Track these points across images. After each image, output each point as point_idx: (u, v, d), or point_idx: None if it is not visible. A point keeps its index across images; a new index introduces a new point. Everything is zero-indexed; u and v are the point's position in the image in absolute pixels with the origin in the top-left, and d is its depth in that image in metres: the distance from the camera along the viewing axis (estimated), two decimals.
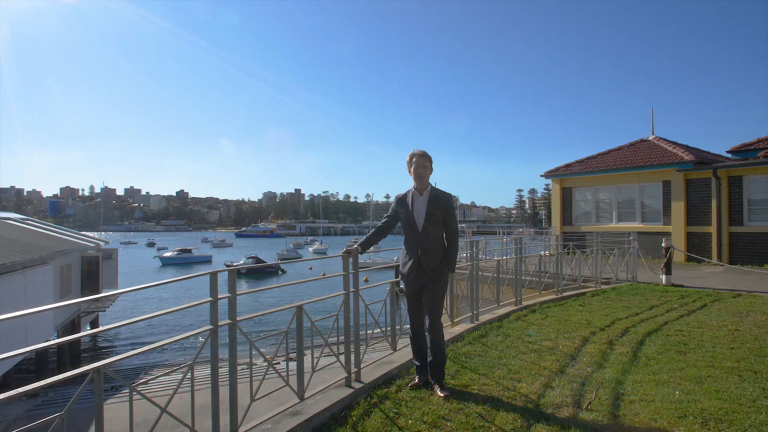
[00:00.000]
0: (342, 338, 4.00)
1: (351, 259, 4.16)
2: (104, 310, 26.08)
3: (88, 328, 25.67)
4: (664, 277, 10.50)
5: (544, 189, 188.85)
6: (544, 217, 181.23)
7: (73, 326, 22.29)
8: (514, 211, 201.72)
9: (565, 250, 10.15)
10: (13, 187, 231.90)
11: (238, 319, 2.89)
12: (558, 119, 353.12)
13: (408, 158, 4.16)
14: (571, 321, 6.77)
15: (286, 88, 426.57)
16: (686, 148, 18.27)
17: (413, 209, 4.06)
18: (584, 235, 18.00)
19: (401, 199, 4.16)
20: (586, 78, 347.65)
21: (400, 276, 4.21)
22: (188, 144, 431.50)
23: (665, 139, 19.49)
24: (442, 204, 4.06)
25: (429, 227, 4.02)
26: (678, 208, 16.64)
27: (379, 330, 4.67)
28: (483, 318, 6.80)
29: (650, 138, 20.15)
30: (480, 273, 6.88)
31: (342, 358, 4.00)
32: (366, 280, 38.55)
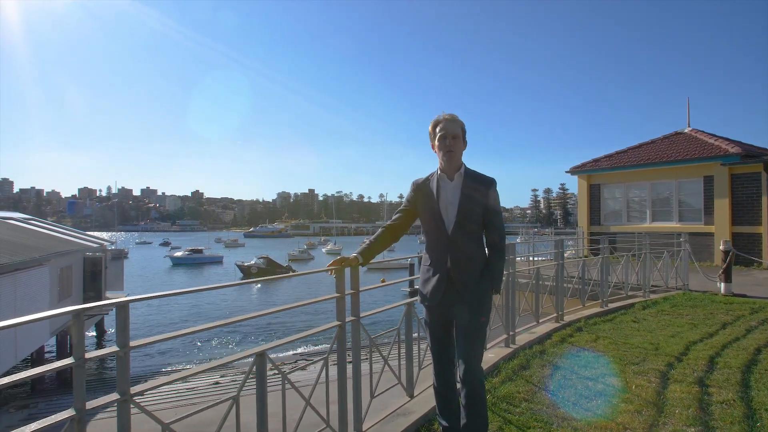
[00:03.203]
0: (334, 386, 2.71)
1: (350, 273, 2.88)
2: (107, 313, 25.16)
3: (93, 330, 24.80)
4: (722, 285, 9.04)
5: (560, 189, 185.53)
6: (559, 216, 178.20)
7: None
8: (529, 211, 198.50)
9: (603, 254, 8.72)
10: (33, 188, 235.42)
11: (134, 391, 1.63)
12: (572, 118, 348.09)
13: (431, 127, 2.84)
14: (631, 344, 5.41)
15: (298, 90, 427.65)
16: (729, 140, 16.62)
17: (439, 200, 2.76)
18: (615, 235, 16.51)
19: (422, 186, 2.86)
20: (599, 76, 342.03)
21: (419, 297, 2.91)
22: (204, 144, 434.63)
23: (704, 132, 17.86)
24: (482, 192, 2.75)
25: (463, 227, 2.71)
26: (722, 205, 15.05)
27: (389, 368, 3.37)
28: (520, 340, 5.47)
29: (687, 130, 18.53)
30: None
31: (335, 419, 2.72)
32: (383, 282, 36.75)
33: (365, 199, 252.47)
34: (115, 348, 1.58)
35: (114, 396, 1.61)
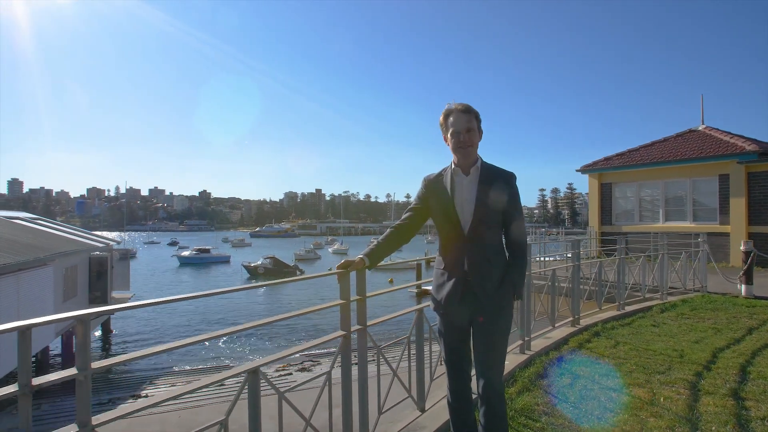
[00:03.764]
0: (338, 410, 2.45)
1: (355, 277, 2.62)
2: (113, 313, 25.07)
3: (99, 330, 24.71)
4: (743, 288, 8.69)
5: (567, 188, 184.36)
6: (567, 216, 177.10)
7: None
8: (536, 211, 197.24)
9: (620, 255, 8.38)
10: (42, 188, 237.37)
11: (96, 421, 1.35)
12: (579, 118, 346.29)
13: (442, 117, 2.55)
14: (653, 351, 5.10)
15: (305, 91, 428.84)
16: (745, 138, 16.18)
17: (454, 197, 2.49)
18: (626, 235, 16.12)
19: (434, 182, 2.59)
20: (608, 75, 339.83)
21: (432, 304, 2.64)
22: (211, 145, 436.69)
23: (718, 129, 17.42)
24: (501, 188, 2.48)
25: (481, 226, 2.44)
26: (738, 205, 14.64)
27: (399, 383, 3.10)
28: (535, 345, 5.18)
29: (700, 128, 18.09)
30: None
31: None
32: (391, 282, 36.08)
33: (372, 199, 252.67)
34: (73, 371, 1.32)
35: (72, 428, 1.36)
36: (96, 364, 1.38)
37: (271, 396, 2.28)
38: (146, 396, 13.38)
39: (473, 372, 2.62)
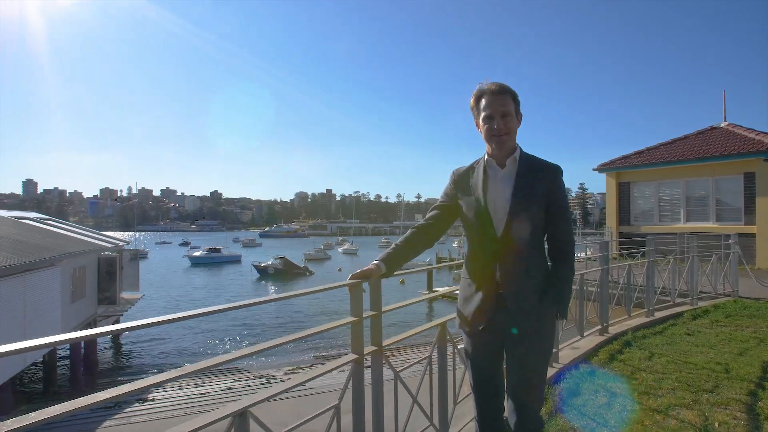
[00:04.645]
0: None
1: (369, 287, 2.22)
2: (122, 315, 24.89)
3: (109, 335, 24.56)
4: None
5: (579, 188, 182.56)
6: (579, 217, 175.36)
7: None
8: None
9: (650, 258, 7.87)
10: (56, 188, 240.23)
11: None
12: (587, 118, 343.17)
13: (473, 100, 2.13)
14: (694, 364, 4.64)
15: (315, 93, 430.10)
16: None
17: (486, 194, 2.07)
18: (646, 236, 15.56)
19: (464, 176, 2.18)
20: (616, 74, 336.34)
21: (458, 320, 2.23)
22: (223, 145, 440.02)
23: (742, 126, 16.77)
24: (544, 182, 2.07)
25: (518, 228, 2.02)
26: (765, 204, 14.03)
27: (419, 409, 2.69)
28: (563, 357, 4.74)
29: (723, 125, 17.45)
30: None
31: None
32: (402, 283, 35.53)
33: (383, 199, 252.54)
34: None
35: None
36: (4, 427, 0.99)
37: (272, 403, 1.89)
38: (153, 400, 13.09)
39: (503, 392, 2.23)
